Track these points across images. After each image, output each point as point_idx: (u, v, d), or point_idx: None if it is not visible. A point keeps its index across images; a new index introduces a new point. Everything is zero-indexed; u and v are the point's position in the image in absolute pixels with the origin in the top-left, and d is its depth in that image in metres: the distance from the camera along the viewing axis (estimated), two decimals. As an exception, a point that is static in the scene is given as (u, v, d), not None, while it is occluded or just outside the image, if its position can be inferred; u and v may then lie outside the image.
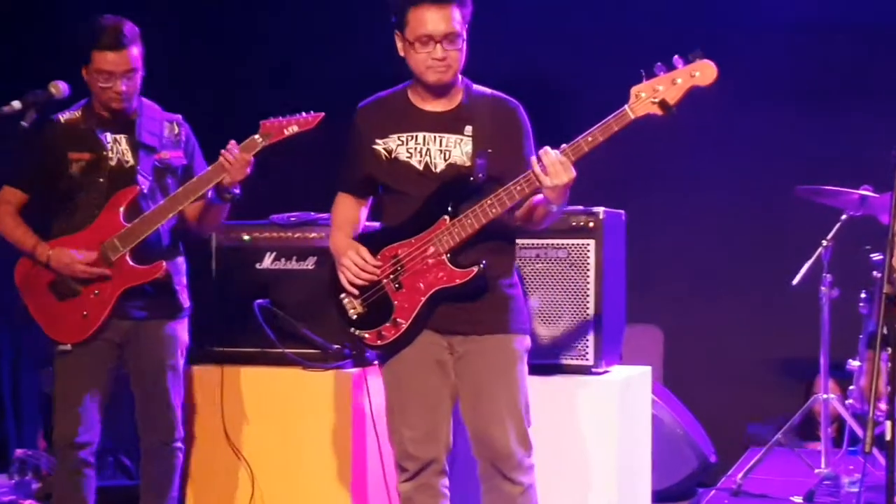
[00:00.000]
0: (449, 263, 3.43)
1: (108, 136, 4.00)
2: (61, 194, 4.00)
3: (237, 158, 3.85)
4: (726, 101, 5.27)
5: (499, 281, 3.52)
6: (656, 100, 3.20)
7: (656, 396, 4.98)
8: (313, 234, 4.53)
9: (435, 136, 3.50)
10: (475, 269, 3.41)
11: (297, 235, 4.55)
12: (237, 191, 3.96)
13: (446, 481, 3.61)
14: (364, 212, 3.71)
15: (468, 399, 3.51)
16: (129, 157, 4.00)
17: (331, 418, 4.39)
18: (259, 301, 4.45)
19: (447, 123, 3.51)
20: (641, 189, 5.48)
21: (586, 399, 4.32)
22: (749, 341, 5.91)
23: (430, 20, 3.38)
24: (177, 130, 4.13)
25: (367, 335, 3.52)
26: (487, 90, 3.57)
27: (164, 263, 3.99)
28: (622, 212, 4.56)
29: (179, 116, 4.16)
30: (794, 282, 5.07)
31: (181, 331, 4.14)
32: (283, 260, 4.55)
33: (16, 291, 4.05)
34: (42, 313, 4.00)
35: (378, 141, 3.54)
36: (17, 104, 3.66)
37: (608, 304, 4.39)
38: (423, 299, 3.45)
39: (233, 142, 3.87)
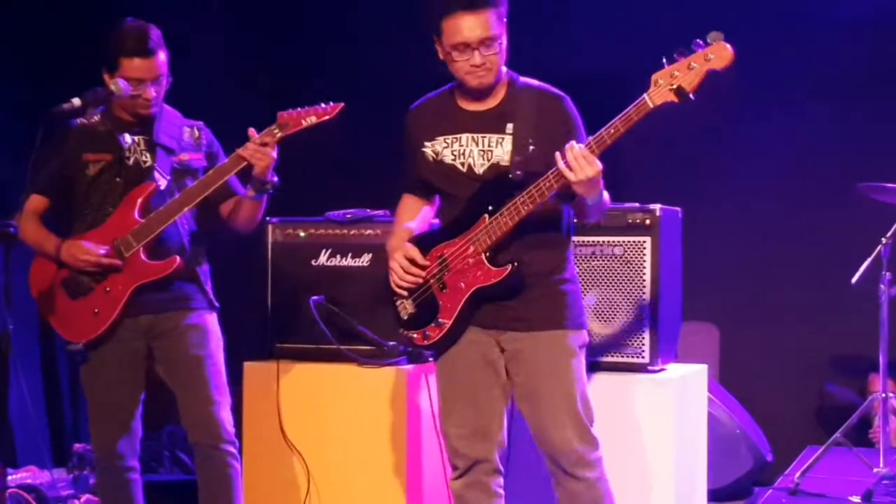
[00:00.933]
0: (486, 262, 3.44)
1: (127, 138, 3.93)
2: (79, 197, 3.94)
3: (255, 148, 3.77)
4: (786, 96, 5.24)
5: (550, 277, 3.50)
6: (673, 86, 3.14)
7: (712, 395, 4.94)
8: (369, 231, 4.54)
9: (476, 137, 3.50)
10: (508, 267, 3.41)
11: (352, 232, 4.56)
12: (274, 178, 3.88)
13: (500, 480, 3.60)
14: (428, 210, 3.72)
15: (524, 397, 3.51)
16: (146, 157, 3.94)
17: (386, 415, 4.40)
18: (315, 297, 4.47)
19: (488, 123, 3.49)
20: (699, 185, 5.43)
21: (642, 397, 4.29)
22: (806, 339, 5.84)
23: (466, 27, 3.36)
24: (197, 135, 4.07)
25: (415, 335, 3.55)
26: (535, 82, 3.54)
27: (178, 258, 3.88)
28: (679, 209, 4.53)
29: (201, 123, 4.11)
30: (854, 280, 5.02)
31: (211, 325, 4.03)
32: (338, 257, 4.57)
33: None
34: (55, 313, 3.93)
35: (426, 144, 3.55)
36: (76, 101, 3.67)
37: (664, 301, 4.36)
38: (464, 298, 3.47)
39: (251, 130, 3.81)
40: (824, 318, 5.79)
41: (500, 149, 3.46)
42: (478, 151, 3.49)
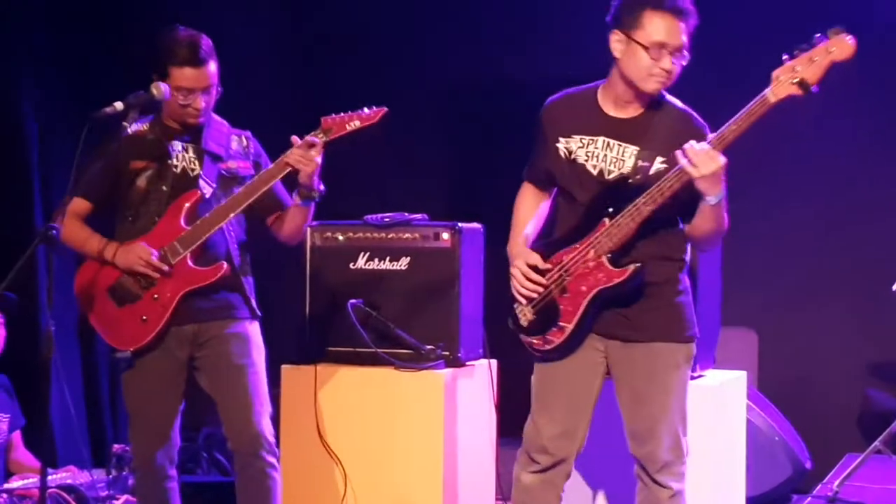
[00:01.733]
0: (608, 264, 3.41)
1: (176, 145, 3.93)
2: (125, 203, 3.94)
3: (301, 154, 3.77)
4: (832, 101, 5.17)
5: (666, 287, 3.51)
6: (795, 80, 3.14)
7: (751, 401, 4.91)
8: (407, 235, 4.54)
9: (611, 143, 3.46)
10: (631, 267, 3.39)
11: (390, 236, 4.56)
12: (320, 186, 3.87)
13: (565, 483, 3.64)
14: (546, 205, 3.70)
15: (625, 402, 3.54)
16: (194, 164, 3.93)
17: (423, 419, 4.40)
18: (353, 301, 4.48)
19: (626, 132, 3.45)
20: (737, 191, 5.39)
21: (681, 404, 4.26)
22: (845, 345, 5.78)
23: (670, 29, 3.31)
24: (245, 143, 4.05)
25: (535, 341, 3.53)
26: (679, 103, 3.50)
27: (225, 264, 3.87)
28: (718, 215, 4.49)
29: (248, 132, 4.10)
30: (895, 287, 4.98)
31: (253, 334, 4.01)
32: (376, 260, 4.57)
33: None
34: (101, 320, 3.92)
35: (560, 139, 3.51)
36: (119, 105, 3.68)
37: (703, 307, 4.32)
38: (585, 301, 3.45)
39: (294, 137, 3.81)
40: (865, 324, 5.73)
41: (632, 161, 3.42)
42: (610, 157, 3.46)
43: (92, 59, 5.27)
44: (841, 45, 3.12)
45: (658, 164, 3.38)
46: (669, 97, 3.49)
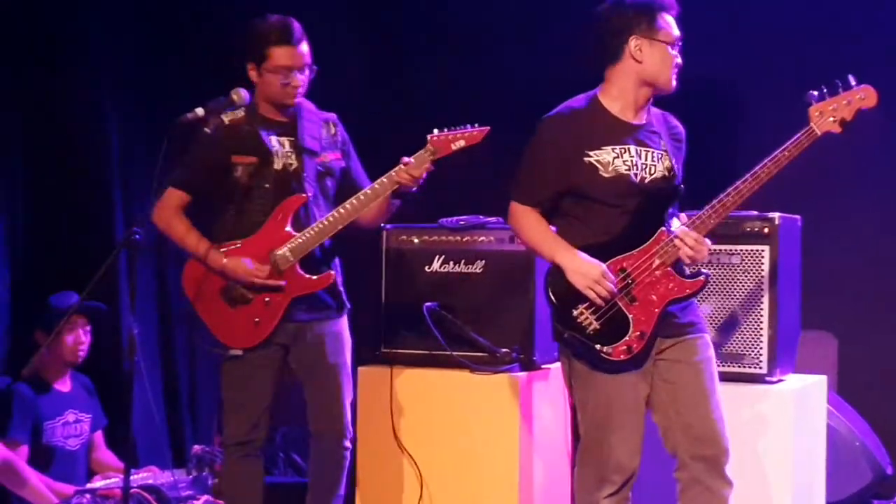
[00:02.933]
0: (677, 274, 3.50)
1: (273, 140, 4.04)
2: (225, 197, 4.04)
3: (409, 176, 3.95)
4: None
5: None
6: (835, 119, 3.43)
7: (831, 406, 4.83)
8: (482, 238, 4.54)
9: (641, 150, 3.55)
10: (702, 278, 3.53)
11: (465, 239, 4.56)
12: (415, 189, 4.04)
13: None
14: None
15: (686, 398, 3.54)
16: (292, 160, 4.05)
17: (498, 422, 4.39)
18: (428, 304, 4.49)
19: (649, 137, 3.59)
20: (818, 193, 5.32)
21: (761, 409, 4.22)
22: (927, 348, 5.68)
23: (675, 25, 3.56)
24: (333, 131, 4.18)
25: (609, 349, 3.50)
26: (655, 108, 3.69)
27: (332, 273, 4.07)
28: (798, 217, 4.44)
29: (334, 115, 4.21)
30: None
31: (344, 329, 4.22)
32: (451, 263, 4.57)
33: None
34: (213, 319, 4.06)
35: (589, 153, 3.52)
36: (200, 111, 3.74)
37: (783, 311, 4.28)
38: (659, 311, 3.50)
39: (404, 159, 3.95)
40: (946, 327, 5.62)
41: (661, 164, 3.56)
42: (641, 164, 3.54)
43: (168, 78, 5.37)
44: (868, 94, 3.46)
45: (674, 164, 3.59)
46: None
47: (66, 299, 4.62)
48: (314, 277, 4.05)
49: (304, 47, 4.00)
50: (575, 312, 3.51)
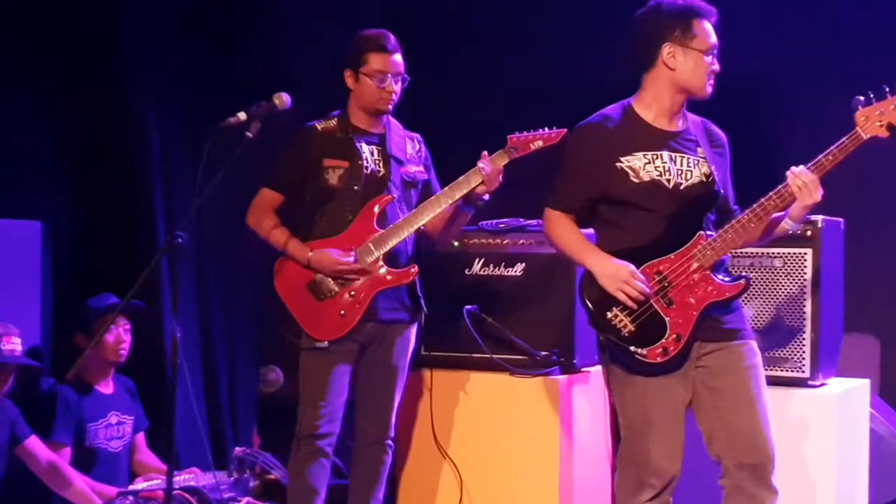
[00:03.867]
0: (715, 278, 3.49)
1: (364, 146, 4.19)
2: (316, 198, 4.19)
3: (492, 169, 4.04)
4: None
5: None
6: (882, 123, 3.39)
7: (874, 409, 4.79)
8: (522, 241, 4.54)
9: (675, 156, 3.56)
10: (742, 282, 3.52)
11: (505, 242, 4.57)
12: (487, 198, 4.12)
13: None
14: None
15: (730, 405, 3.51)
16: (381, 167, 4.20)
17: (538, 425, 4.40)
18: (468, 306, 4.49)
19: (684, 143, 3.58)
20: (862, 196, 5.28)
21: (803, 413, 4.21)
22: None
23: (712, 32, 3.54)
24: (418, 147, 4.35)
25: (644, 351, 3.49)
26: (692, 115, 3.68)
27: (416, 267, 4.17)
28: (841, 220, 4.41)
29: (419, 135, 4.39)
30: None
31: (413, 333, 4.33)
32: (491, 266, 4.58)
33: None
34: (301, 312, 4.17)
35: (622, 159, 3.53)
36: (242, 115, 3.76)
37: (825, 314, 4.26)
38: (697, 314, 3.49)
39: (485, 153, 4.07)
40: None
41: (698, 170, 3.55)
42: (675, 170, 3.54)
43: (210, 83, 5.40)
44: None
45: (713, 170, 3.57)
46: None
47: (104, 300, 4.66)
48: (398, 271, 4.15)
49: (399, 57, 4.17)
50: (609, 315, 3.51)
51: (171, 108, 5.34)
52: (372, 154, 4.21)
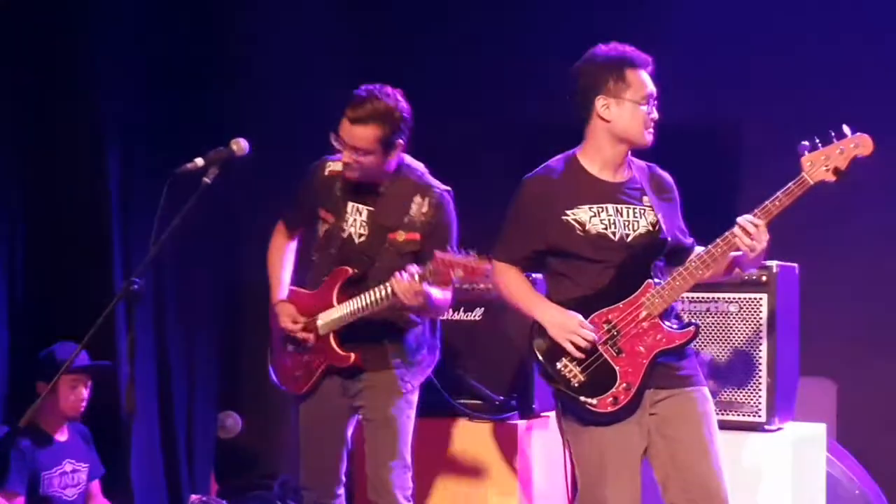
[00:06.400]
0: (664, 325, 3.49)
1: (351, 206, 3.98)
2: (310, 244, 4.11)
3: (407, 286, 3.77)
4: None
5: None
6: (828, 168, 3.41)
7: (830, 454, 4.82)
8: (481, 286, 4.52)
9: (620, 208, 3.55)
10: (691, 329, 3.53)
11: (465, 287, 4.54)
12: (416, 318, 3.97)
13: None
14: None
15: (684, 454, 3.50)
16: (364, 230, 3.98)
17: (497, 469, 4.40)
18: (426, 352, 4.48)
19: (630, 193, 3.58)
20: (815, 240, 5.34)
21: (760, 457, 4.23)
22: (928, 394, 5.66)
23: (649, 81, 3.54)
24: (426, 209, 3.96)
25: (594, 401, 3.48)
26: (639, 160, 3.68)
27: (354, 356, 3.92)
28: (796, 265, 4.46)
29: (441, 192, 3.98)
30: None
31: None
32: (450, 311, 4.58)
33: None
34: (274, 356, 4.13)
35: (567, 212, 3.54)
36: (199, 161, 3.71)
37: (781, 358, 4.29)
38: (646, 362, 3.49)
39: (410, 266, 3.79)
40: (947, 373, 5.61)
41: (644, 219, 3.55)
42: (622, 221, 3.54)
43: (172, 123, 5.40)
44: (864, 142, 3.41)
45: (660, 218, 3.56)
46: (630, 157, 3.64)
47: (69, 350, 4.60)
48: (344, 354, 3.94)
49: (358, 130, 3.82)
50: (559, 365, 3.51)
51: (130, 153, 5.32)
52: (359, 214, 3.98)
